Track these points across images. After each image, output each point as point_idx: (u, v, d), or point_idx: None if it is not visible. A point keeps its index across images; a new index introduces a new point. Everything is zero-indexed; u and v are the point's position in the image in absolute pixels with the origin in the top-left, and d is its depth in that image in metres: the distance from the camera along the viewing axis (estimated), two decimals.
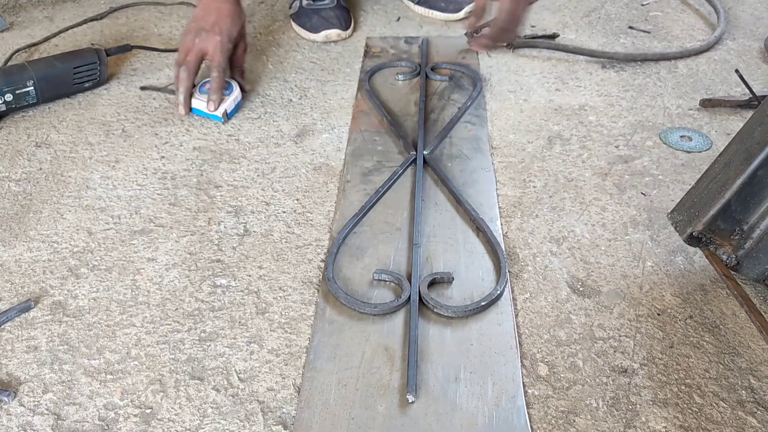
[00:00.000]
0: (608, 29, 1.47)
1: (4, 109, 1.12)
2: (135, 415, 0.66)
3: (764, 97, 1.03)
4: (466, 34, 1.28)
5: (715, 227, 0.76)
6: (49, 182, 0.99)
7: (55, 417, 0.66)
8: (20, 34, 1.45)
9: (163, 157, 1.04)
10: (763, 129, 0.73)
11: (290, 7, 1.48)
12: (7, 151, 1.06)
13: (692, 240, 0.77)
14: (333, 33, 1.39)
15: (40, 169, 1.02)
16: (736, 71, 1.13)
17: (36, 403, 0.67)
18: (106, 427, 0.65)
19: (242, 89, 1.17)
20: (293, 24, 1.45)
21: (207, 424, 0.65)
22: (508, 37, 1.09)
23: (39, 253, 0.86)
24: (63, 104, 1.19)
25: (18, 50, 1.35)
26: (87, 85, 1.21)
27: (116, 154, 1.05)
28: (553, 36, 1.40)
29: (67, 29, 1.45)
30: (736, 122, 1.13)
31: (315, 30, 1.39)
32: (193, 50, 1.11)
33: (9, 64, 1.30)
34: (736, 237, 0.75)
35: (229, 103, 1.13)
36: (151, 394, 0.68)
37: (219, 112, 1.11)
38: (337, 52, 1.38)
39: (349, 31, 1.41)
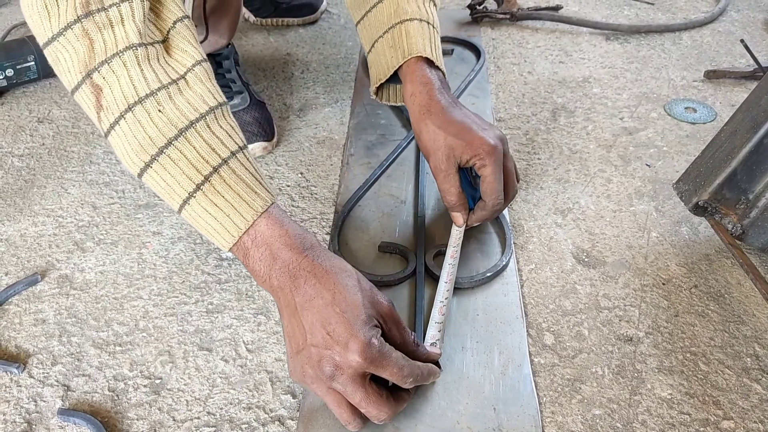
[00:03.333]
0: (612, 1, 1.46)
1: (5, 84, 1.11)
2: (144, 386, 0.66)
3: None
4: (468, 6, 1.25)
5: (720, 196, 0.76)
6: (52, 157, 0.99)
7: (65, 388, 0.66)
8: (18, 8, 1.44)
9: None
10: None
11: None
12: (9, 127, 1.06)
13: (698, 209, 0.77)
14: (257, 148, 0.99)
15: (43, 144, 1.02)
16: (742, 41, 1.12)
17: (45, 374, 0.68)
18: (116, 398, 0.65)
19: None
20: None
21: (216, 393, 0.65)
22: (507, 202, 0.77)
23: (44, 228, 0.86)
24: None
25: (16, 25, 1.34)
26: None
27: None
28: (557, 8, 1.39)
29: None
30: (740, 93, 1.12)
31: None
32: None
33: (8, 39, 1.29)
34: (742, 206, 0.75)
35: None
36: (160, 365, 0.68)
37: None
38: (339, 25, 1.37)
39: (275, 139, 1.01)
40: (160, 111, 0.57)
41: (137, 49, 0.57)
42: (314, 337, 0.55)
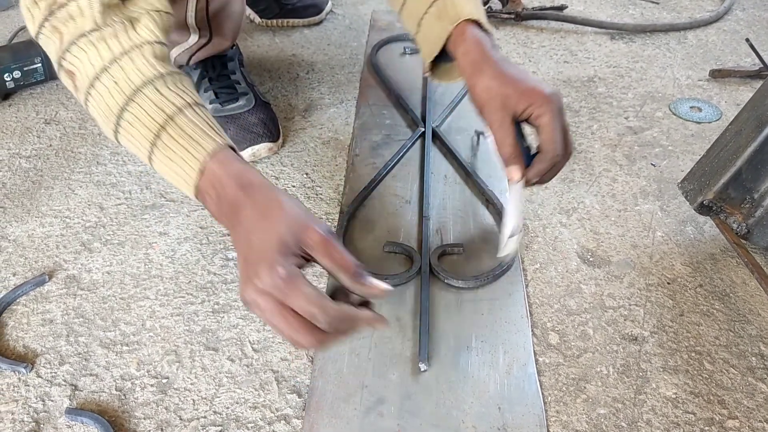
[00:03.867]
0: (617, 0, 1.46)
1: (13, 86, 1.12)
2: (152, 385, 0.67)
3: None
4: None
5: (725, 196, 0.76)
6: (60, 158, 0.99)
7: (73, 387, 0.67)
8: None
9: None
10: None
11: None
12: (16, 128, 1.06)
13: (703, 209, 0.77)
14: (262, 149, 0.98)
15: (50, 145, 1.02)
16: (747, 40, 1.12)
17: (53, 374, 0.68)
18: (123, 397, 0.66)
19: None
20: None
21: (222, 392, 0.66)
22: (564, 161, 0.73)
23: (52, 228, 0.86)
24: None
25: (23, 27, 1.35)
26: None
27: None
28: (561, 7, 1.39)
29: None
30: (746, 92, 1.12)
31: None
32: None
33: (15, 41, 1.29)
34: (747, 205, 0.75)
35: None
36: (167, 364, 0.69)
37: None
38: (344, 26, 1.37)
39: (280, 140, 1.01)
40: (115, 83, 0.63)
41: (91, 34, 0.63)
42: (240, 265, 0.57)
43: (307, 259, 0.57)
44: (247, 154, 0.97)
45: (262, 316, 0.54)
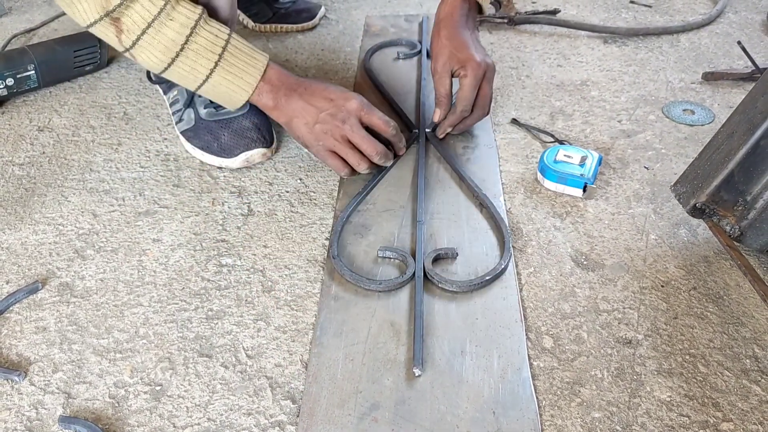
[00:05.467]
0: (609, 4, 1.46)
1: (6, 93, 1.12)
2: (145, 392, 0.66)
3: (767, 69, 1.03)
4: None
5: (718, 198, 0.76)
6: (53, 166, 0.99)
7: (66, 395, 0.66)
8: (19, 18, 1.45)
9: (165, 138, 1.04)
10: (765, 99, 0.73)
11: (178, 121, 1.03)
12: (9, 136, 1.06)
13: (695, 211, 0.77)
14: (256, 154, 0.97)
15: (43, 152, 1.02)
16: (739, 43, 1.13)
17: (46, 382, 0.68)
18: (116, 405, 0.65)
19: None
20: (186, 144, 1.01)
21: (216, 399, 0.66)
22: (473, 119, 0.98)
23: (45, 236, 0.86)
24: (64, 88, 1.19)
25: (16, 35, 1.35)
26: (88, 68, 1.21)
27: (118, 136, 1.06)
28: (554, 12, 1.39)
29: (65, 13, 1.44)
30: (738, 95, 1.12)
31: (228, 153, 0.96)
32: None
33: (8, 48, 1.29)
34: (740, 208, 0.75)
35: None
36: (161, 371, 0.69)
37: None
38: (338, 31, 1.37)
39: (274, 145, 1.01)
40: (171, 20, 0.80)
41: None
42: (322, 105, 0.88)
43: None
44: (240, 159, 0.96)
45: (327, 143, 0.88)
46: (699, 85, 1.16)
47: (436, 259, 0.80)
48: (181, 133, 1.03)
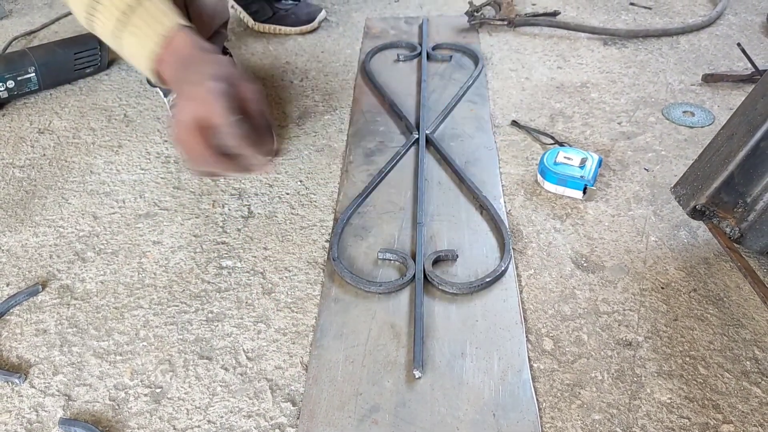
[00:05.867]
0: (609, 6, 1.46)
1: (6, 96, 1.12)
2: (145, 395, 0.66)
3: (766, 71, 1.03)
4: (466, 13, 1.25)
5: (718, 200, 0.76)
6: (53, 168, 0.99)
7: (66, 398, 0.66)
8: (19, 21, 1.45)
9: (165, 141, 1.05)
10: (765, 101, 0.73)
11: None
12: (10, 138, 1.06)
13: (695, 213, 0.77)
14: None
15: (44, 155, 1.02)
16: (738, 45, 1.13)
17: (47, 384, 0.68)
18: (116, 407, 0.65)
19: None
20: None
21: (217, 402, 0.66)
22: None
23: (45, 238, 0.86)
24: (65, 90, 1.19)
25: (17, 37, 1.35)
26: (88, 71, 1.21)
27: (119, 139, 1.06)
28: (554, 14, 1.39)
29: (66, 15, 1.44)
30: (738, 97, 1.12)
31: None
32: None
33: (9, 51, 1.29)
34: (740, 210, 0.75)
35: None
36: (161, 374, 0.69)
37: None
38: (338, 33, 1.37)
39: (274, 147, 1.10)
40: None
41: None
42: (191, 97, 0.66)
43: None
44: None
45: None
46: (699, 87, 1.16)
47: (437, 261, 0.80)
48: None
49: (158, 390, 0.67)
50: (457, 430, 0.62)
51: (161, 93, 1.11)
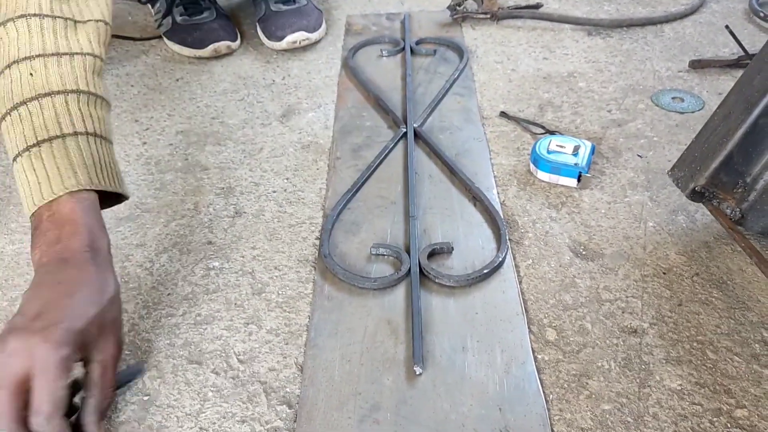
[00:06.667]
0: None
1: None
2: (132, 403, 0.63)
3: (755, 55, 1.02)
4: (448, 7, 1.24)
5: (717, 181, 0.74)
6: None
7: None
8: None
9: (145, 143, 1.01)
10: (762, 76, 0.71)
11: (159, 26, 1.29)
12: None
13: (695, 195, 0.76)
14: (222, 45, 1.23)
15: None
16: (727, 27, 1.12)
17: None
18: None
19: None
20: (168, 42, 1.27)
21: (208, 408, 0.62)
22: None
23: (22, 245, 0.82)
24: None
25: None
26: None
27: None
28: (537, 6, 1.38)
29: None
30: (726, 82, 1.11)
31: (200, 45, 1.23)
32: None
33: None
34: (740, 190, 0.73)
35: None
36: (148, 380, 0.65)
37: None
38: None
39: (238, 41, 1.28)
40: (31, 75, 0.63)
41: (32, 18, 0.64)
42: (27, 312, 0.55)
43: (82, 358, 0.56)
44: (210, 48, 1.22)
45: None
46: (686, 74, 1.15)
47: (432, 254, 0.77)
48: (163, 34, 1.28)
49: (146, 398, 0.64)
50: (463, 426, 0.59)
51: (150, 6, 1.34)
